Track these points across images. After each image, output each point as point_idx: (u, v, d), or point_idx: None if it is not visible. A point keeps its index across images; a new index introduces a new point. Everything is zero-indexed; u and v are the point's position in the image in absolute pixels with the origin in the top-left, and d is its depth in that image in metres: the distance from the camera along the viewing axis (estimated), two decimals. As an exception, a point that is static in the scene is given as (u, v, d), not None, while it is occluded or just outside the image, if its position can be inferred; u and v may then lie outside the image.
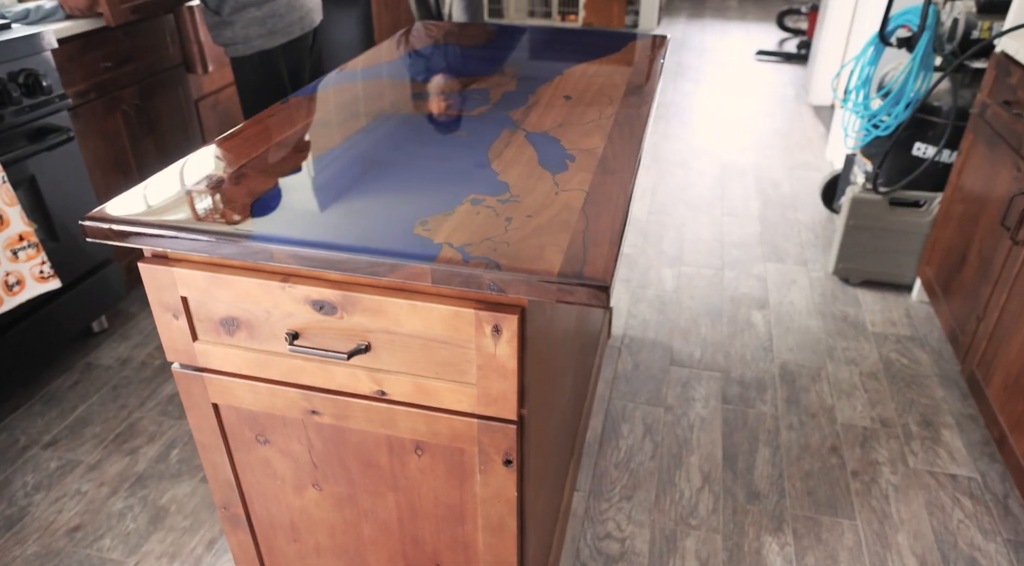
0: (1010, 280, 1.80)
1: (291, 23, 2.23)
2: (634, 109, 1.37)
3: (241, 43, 2.18)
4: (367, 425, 1.03)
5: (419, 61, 1.66)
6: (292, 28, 2.24)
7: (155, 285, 0.98)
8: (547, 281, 0.83)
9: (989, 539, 1.69)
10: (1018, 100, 1.88)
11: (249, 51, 2.19)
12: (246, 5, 2.12)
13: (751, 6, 7.36)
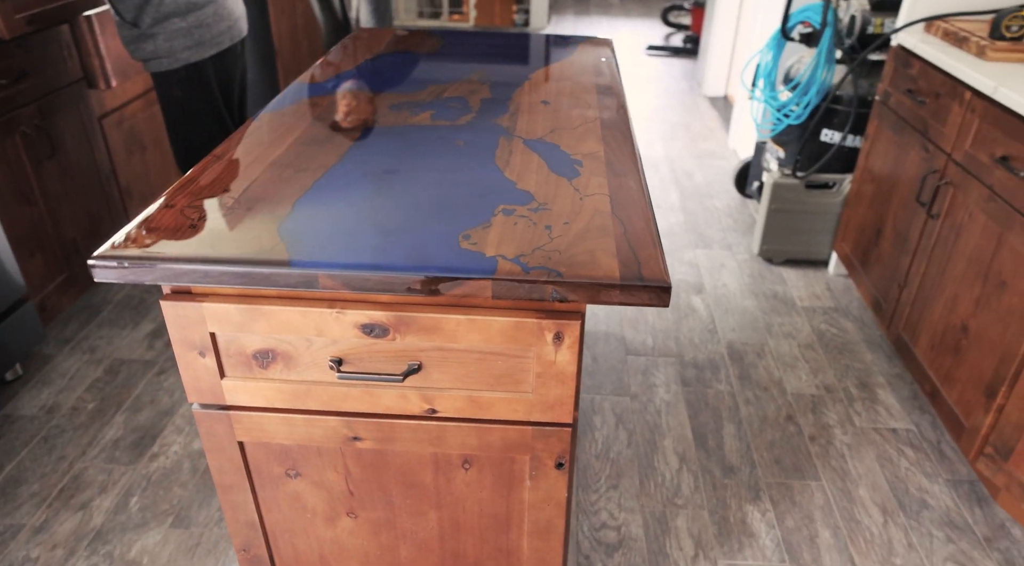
0: (928, 250, 1.99)
1: (220, 33, 2.12)
2: (614, 111, 1.41)
3: (165, 56, 2.05)
4: (413, 445, 1.02)
5: (380, 71, 1.63)
6: (221, 38, 2.13)
7: (179, 323, 0.93)
8: (610, 285, 0.85)
9: (932, 481, 1.87)
10: (920, 89, 2.07)
11: (175, 65, 2.06)
12: (169, 15, 1.99)
13: (633, 3, 7.64)
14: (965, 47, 1.96)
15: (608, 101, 1.46)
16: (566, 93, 1.50)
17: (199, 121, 2.21)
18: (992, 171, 1.70)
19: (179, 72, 2.08)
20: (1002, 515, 1.78)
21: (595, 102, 1.46)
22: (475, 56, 1.76)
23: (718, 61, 4.59)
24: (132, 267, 0.87)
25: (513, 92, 1.50)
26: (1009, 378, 1.62)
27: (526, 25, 6.40)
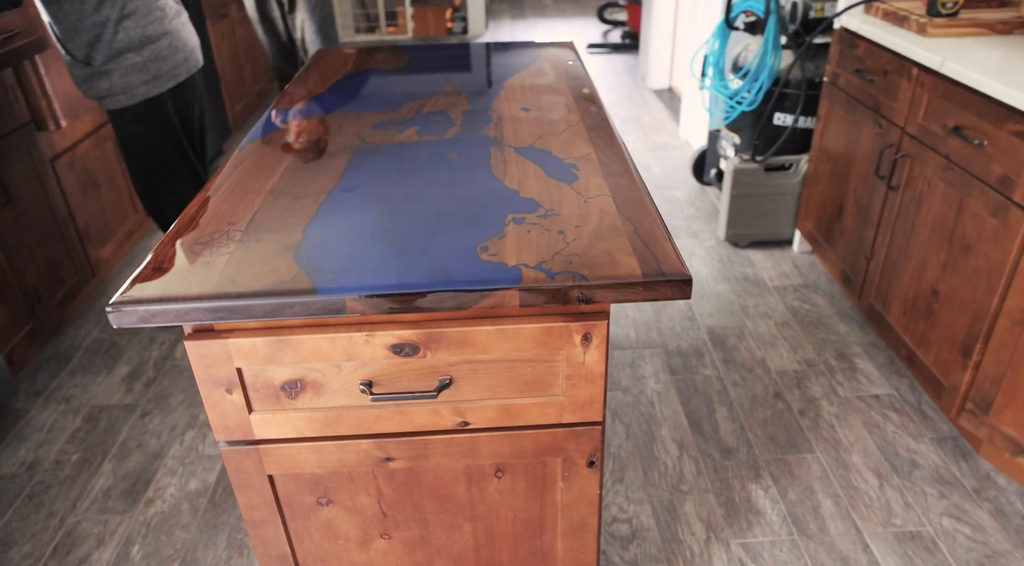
0: (891, 221, 2.07)
1: (176, 65, 2.08)
2: (594, 113, 1.44)
3: (121, 93, 2.00)
4: (446, 460, 1.02)
5: (353, 91, 1.62)
6: (178, 70, 2.09)
7: (204, 362, 0.91)
8: (633, 283, 0.88)
9: (919, 441, 1.95)
10: (867, 68, 2.16)
11: (132, 101, 2.02)
12: (123, 51, 1.95)
13: (566, 3, 7.73)
14: (906, 26, 2.05)
15: (586, 105, 1.49)
16: (544, 99, 1.53)
17: (160, 156, 2.16)
18: (946, 141, 1.79)
19: (137, 108, 2.04)
20: (986, 466, 1.86)
21: (573, 105, 1.48)
22: (443, 69, 1.77)
23: (660, 55, 4.69)
24: (153, 309, 0.86)
25: (491, 102, 1.52)
26: (983, 335, 1.70)
27: (464, 33, 6.42)
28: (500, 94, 1.57)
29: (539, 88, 1.60)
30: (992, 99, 1.62)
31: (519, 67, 1.77)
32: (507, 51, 1.92)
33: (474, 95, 1.56)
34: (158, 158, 2.16)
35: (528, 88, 1.60)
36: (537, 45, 1.98)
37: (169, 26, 2.04)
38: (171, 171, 2.19)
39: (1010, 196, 1.58)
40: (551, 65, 1.78)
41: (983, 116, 1.65)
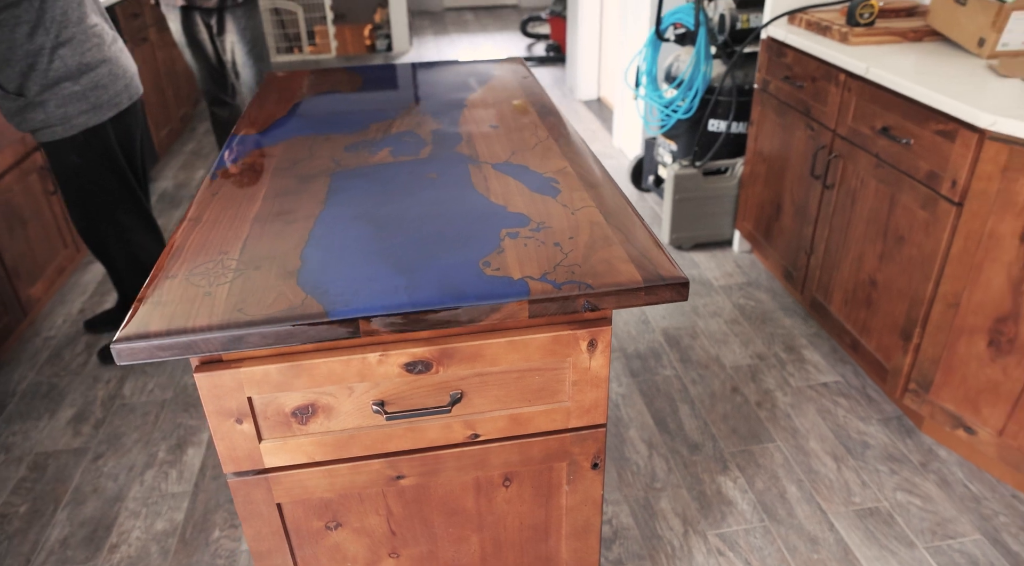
0: (828, 218, 2.20)
1: (118, 93, 2.01)
2: (560, 127, 1.48)
3: (59, 124, 1.92)
4: (456, 473, 1.04)
5: (316, 114, 1.62)
6: (120, 98, 2.02)
7: (215, 393, 0.90)
8: (635, 289, 0.92)
9: (867, 423, 2.07)
10: (796, 75, 2.30)
11: (71, 131, 1.94)
12: (59, 80, 1.87)
13: (488, 18, 7.82)
14: (829, 35, 2.19)
15: (550, 118, 1.54)
16: (508, 115, 1.56)
17: (102, 188, 2.09)
18: (876, 141, 1.92)
19: (76, 138, 1.96)
20: (929, 441, 2.00)
21: (538, 121, 1.53)
22: (400, 89, 1.79)
23: (587, 66, 4.81)
24: (161, 343, 0.84)
25: (458, 120, 1.54)
26: (921, 320, 1.83)
27: (388, 50, 6.41)
28: (464, 112, 1.59)
29: (501, 105, 1.63)
30: (915, 101, 1.76)
31: (476, 85, 1.80)
32: (459, 69, 1.95)
33: (438, 114, 1.59)
34: (99, 189, 2.09)
35: (491, 105, 1.63)
36: (488, 62, 2.02)
37: (108, 53, 1.98)
38: (113, 201, 2.12)
39: (938, 190, 1.71)
40: (507, 82, 1.82)
41: (908, 117, 1.79)
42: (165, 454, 2.03)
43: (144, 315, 0.89)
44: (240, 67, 3.29)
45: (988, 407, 1.74)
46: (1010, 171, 1.53)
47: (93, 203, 2.10)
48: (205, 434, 2.10)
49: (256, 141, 1.46)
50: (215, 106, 3.45)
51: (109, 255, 2.27)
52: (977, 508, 1.79)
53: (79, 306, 2.74)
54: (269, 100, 1.73)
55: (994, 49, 1.91)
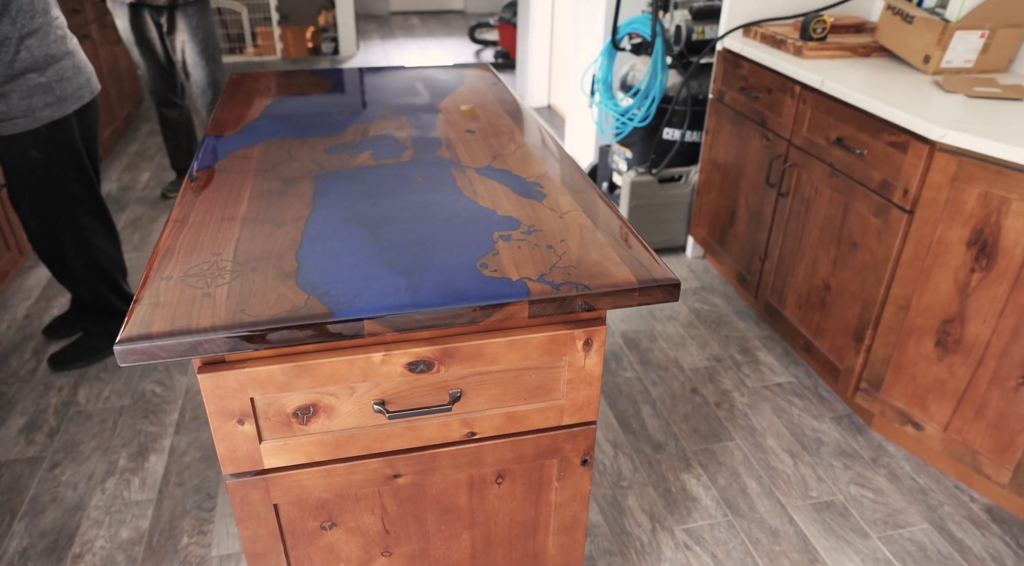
0: (783, 224, 2.30)
1: (80, 86, 1.96)
2: (536, 133, 1.51)
3: (21, 116, 1.85)
4: (452, 471, 1.05)
5: (290, 116, 1.61)
6: (82, 92, 1.97)
7: (218, 394, 0.90)
8: (630, 290, 0.96)
9: (820, 421, 2.17)
10: (751, 86, 2.39)
11: (34, 125, 1.87)
12: (25, 71, 1.81)
13: (435, 23, 7.82)
14: (784, 48, 2.29)
15: (526, 124, 1.57)
16: (483, 120, 1.59)
17: (64, 184, 2.02)
18: (830, 151, 2.02)
19: (39, 132, 1.90)
20: (878, 438, 2.10)
21: (513, 126, 1.56)
22: (371, 93, 1.79)
23: (538, 74, 4.87)
24: (164, 344, 0.84)
25: (434, 124, 1.56)
26: (872, 322, 1.93)
27: (335, 53, 6.36)
28: (440, 117, 1.61)
29: (474, 110, 1.66)
30: (869, 113, 1.86)
31: (447, 90, 1.82)
32: (427, 74, 1.97)
33: (414, 118, 1.60)
34: (61, 185, 2.02)
35: (465, 110, 1.66)
36: (455, 68, 2.04)
37: (71, 45, 1.93)
38: (74, 201, 2.05)
39: (890, 198, 1.81)
40: (478, 87, 1.85)
41: (862, 129, 1.89)
42: (126, 461, 1.98)
43: (144, 316, 0.88)
44: (191, 67, 3.22)
45: (935, 404, 1.85)
46: (958, 181, 1.64)
47: (51, 202, 2.03)
48: (167, 440, 2.05)
49: (232, 143, 1.45)
50: (164, 107, 3.37)
51: (64, 258, 2.19)
52: (924, 499, 1.89)
53: (24, 311, 2.64)
54: (238, 101, 1.71)
55: (939, 66, 2.03)
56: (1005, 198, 1.58)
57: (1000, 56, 2.06)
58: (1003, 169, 1.56)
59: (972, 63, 2.06)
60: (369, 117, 1.60)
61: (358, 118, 1.59)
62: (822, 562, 1.72)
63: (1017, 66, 2.11)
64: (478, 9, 8.25)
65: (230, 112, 1.63)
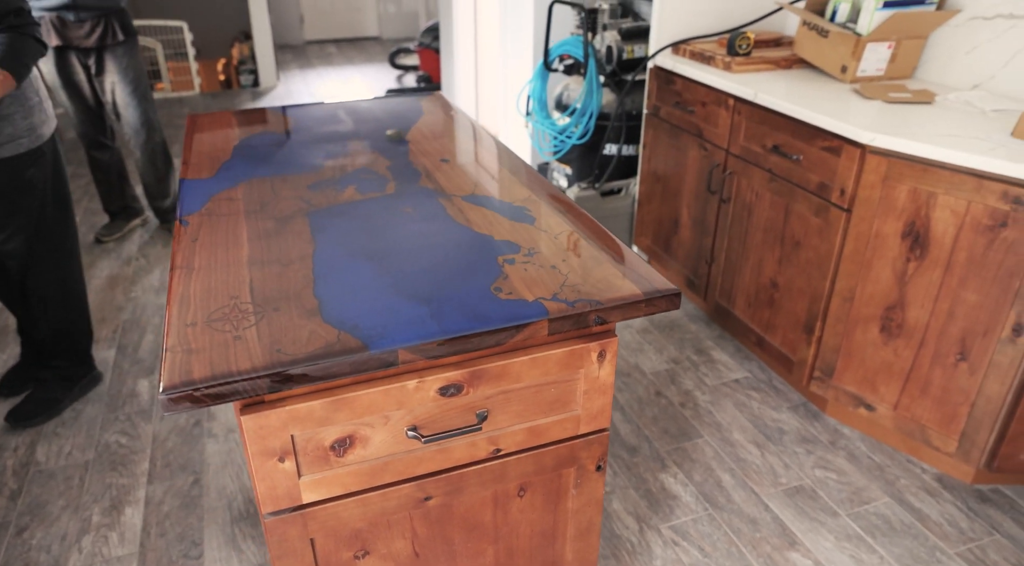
0: (727, 229, 2.44)
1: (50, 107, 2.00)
2: (507, 158, 1.58)
3: (25, 136, 1.91)
4: (478, 489, 1.09)
5: (262, 155, 1.62)
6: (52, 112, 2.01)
7: (260, 435, 0.92)
8: (637, 302, 1.03)
9: (779, 411, 2.30)
10: (686, 100, 2.53)
11: (36, 143, 1.94)
12: (24, 90, 1.87)
13: (351, 50, 7.81)
14: (713, 64, 2.44)
15: (495, 149, 1.63)
16: (455, 148, 1.64)
17: (56, 203, 2.12)
18: (768, 158, 2.17)
19: (39, 151, 1.97)
20: (833, 422, 2.25)
21: (482, 152, 1.62)
22: (334, 127, 1.82)
23: (465, 97, 4.96)
24: (208, 390, 0.85)
25: (407, 156, 1.60)
26: (821, 314, 2.08)
27: (255, 86, 6.27)
28: (411, 148, 1.65)
29: (442, 139, 1.71)
30: (802, 122, 2.01)
31: (410, 121, 1.87)
32: (386, 105, 2.01)
33: (386, 151, 1.64)
34: (52, 207, 2.06)
35: (433, 139, 1.71)
36: (410, 95, 2.09)
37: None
38: (64, 221, 2.07)
39: (828, 199, 1.96)
40: (438, 116, 1.90)
41: (796, 136, 2.04)
42: (100, 517, 1.91)
43: (181, 363, 0.89)
44: (122, 108, 3.14)
45: (884, 385, 2.00)
46: (889, 180, 1.80)
47: (40, 223, 2.02)
48: (141, 491, 1.99)
49: (212, 185, 1.45)
50: (94, 150, 3.27)
51: (34, 287, 2.10)
52: (882, 475, 2.04)
53: (-38, 372, 2.50)
54: (203, 143, 1.71)
55: (855, 75, 2.22)
56: (932, 192, 1.74)
57: (906, 64, 2.26)
58: (928, 167, 1.72)
59: (883, 71, 2.25)
60: (342, 152, 1.63)
61: (331, 153, 1.62)
62: (800, 543, 1.83)
63: (920, 72, 2.32)
64: (394, 35, 8.29)
65: (199, 154, 1.63)
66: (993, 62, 2.10)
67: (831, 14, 2.32)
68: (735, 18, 2.70)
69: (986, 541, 1.84)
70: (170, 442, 2.16)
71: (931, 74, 2.29)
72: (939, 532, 1.86)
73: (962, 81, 2.20)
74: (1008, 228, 1.65)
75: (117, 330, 2.72)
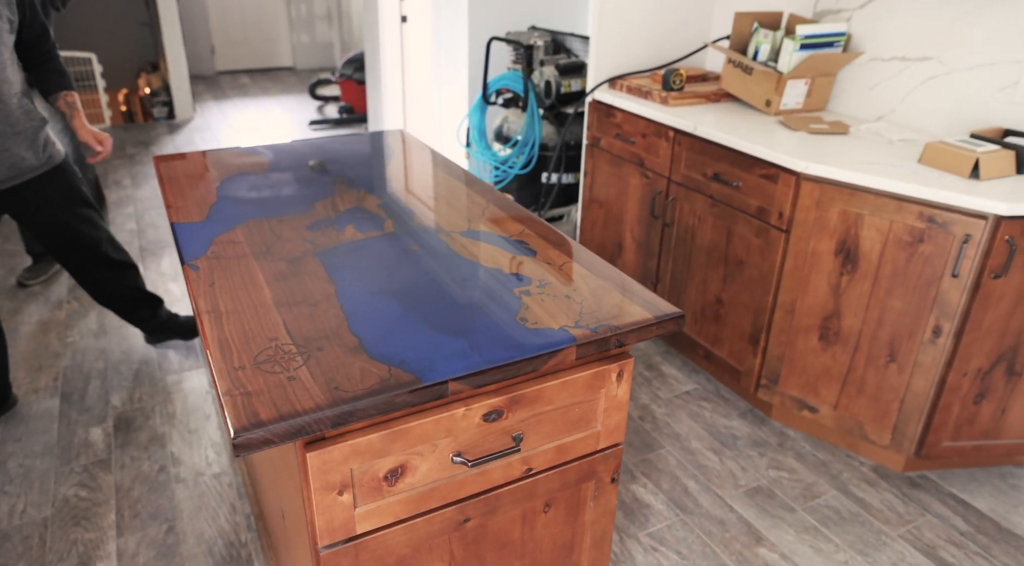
0: (671, 251, 2.61)
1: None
2: (489, 193, 1.67)
3: (59, 145, 2.18)
4: (511, 507, 1.17)
5: (246, 196, 1.64)
6: None
7: (323, 469, 0.96)
8: (649, 325, 1.14)
9: (730, 418, 2.47)
10: (626, 132, 2.70)
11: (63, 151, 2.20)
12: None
13: (266, 81, 7.71)
14: (651, 98, 2.62)
15: (476, 186, 1.72)
16: (436, 186, 1.72)
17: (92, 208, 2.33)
18: (709, 185, 2.35)
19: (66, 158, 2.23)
20: (779, 426, 2.44)
21: (465, 188, 1.70)
22: (309, 167, 1.86)
23: (393, 127, 5.01)
24: (276, 429, 0.90)
25: (394, 194, 1.67)
26: (765, 326, 2.27)
27: (170, 117, 6.10)
28: (393, 185, 1.72)
29: (422, 176, 1.78)
30: (740, 152, 2.20)
31: (385, 159, 1.93)
32: (355, 144, 2.06)
33: (372, 189, 1.70)
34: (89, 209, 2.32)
35: (415, 177, 1.78)
36: (374, 135, 2.15)
37: None
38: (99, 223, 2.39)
39: (768, 221, 2.16)
40: (411, 154, 1.97)
41: (735, 164, 2.23)
42: (75, 575, 1.84)
43: (243, 406, 0.93)
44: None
45: (824, 389, 2.20)
46: (822, 203, 2.00)
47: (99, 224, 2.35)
48: (111, 545, 1.93)
49: (209, 229, 1.47)
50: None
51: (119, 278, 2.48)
52: (827, 470, 2.23)
53: None
54: (183, 185, 1.72)
55: (778, 108, 2.44)
56: (859, 214, 1.96)
57: (820, 98, 2.51)
58: (856, 191, 1.94)
59: (801, 105, 2.49)
60: (327, 192, 1.68)
61: (317, 193, 1.66)
62: (766, 539, 1.98)
63: (831, 105, 2.58)
64: (309, 65, 8.24)
65: (182, 197, 1.63)
66: (892, 98, 2.38)
67: (753, 54, 2.55)
68: (664, 55, 2.91)
69: (920, 521, 2.05)
70: (135, 491, 2.10)
71: (841, 107, 2.55)
72: (881, 517, 2.06)
73: (868, 113, 2.46)
74: (924, 243, 1.88)
75: (58, 378, 2.61)
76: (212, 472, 2.16)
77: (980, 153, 1.79)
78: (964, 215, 1.77)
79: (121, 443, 2.28)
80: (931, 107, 2.27)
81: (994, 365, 1.96)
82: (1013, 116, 2.06)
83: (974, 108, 2.15)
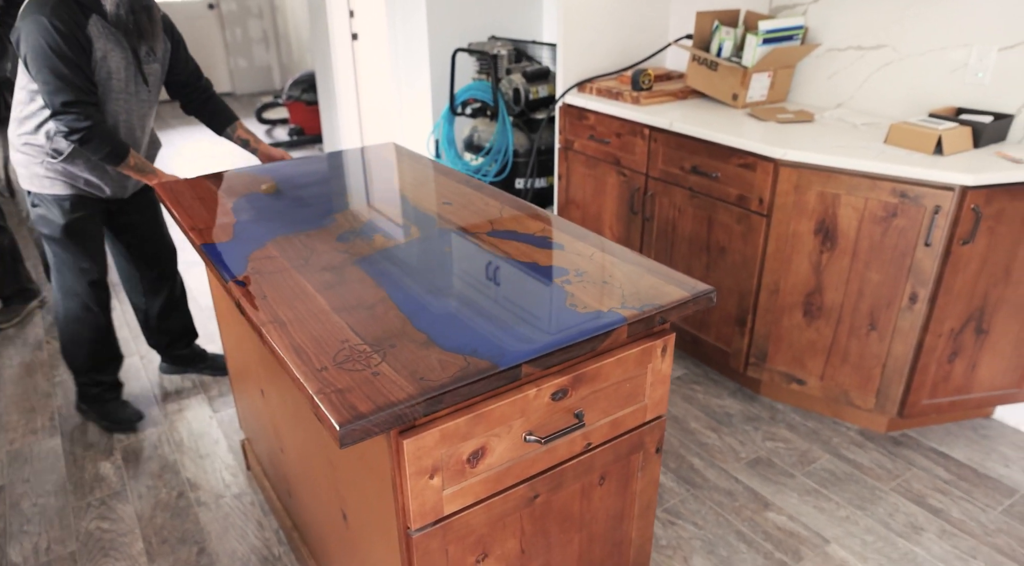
0: (651, 244, 2.74)
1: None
2: (499, 196, 1.75)
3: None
4: (572, 482, 1.25)
5: (263, 214, 1.69)
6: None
7: (417, 455, 1.03)
8: (686, 302, 1.24)
9: (722, 398, 2.60)
10: (600, 133, 2.82)
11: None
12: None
13: (210, 107, 7.60)
14: (622, 99, 2.75)
15: (486, 190, 1.80)
16: (449, 191, 1.79)
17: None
18: (687, 177, 2.48)
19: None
20: (767, 401, 2.58)
21: (473, 193, 1.78)
22: (320, 184, 1.91)
23: (350, 144, 5.04)
24: (376, 419, 0.96)
25: (409, 203, 1.73)
26: (751, 308, 2.40)
27: (115, 149, 5.97)
28: (408, 196, 1.79)
29: (429, 184, 1.86)
30: (716, 143, 2.34)
31: (388, 170, 1.99)
32: (348, 159, 2.12)
33: (387, 200, 1.76)
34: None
35: (422, 186, 1.85)
36: (373, 149, 2.21)
37: None
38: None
39: (748, 208, 2.30)
40: (410, 164, 2.04)
41: (712, 156, 2.36)
42: (112, 605, 1.84)
43: (340, 402, 0.99)
44: (16, 182, 2.97)
45: (810, 361, 2.35)
46: (800, 187, 2.15)
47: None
48: (143, 573, 1.93)
49: (241, 247, 1.51)
50: (-14, 227, 3.07)
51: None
52: (818, 437, 2.38)
53: None
54: (199, 209, 1.74)
55: (745, 101, 2.60)
56: (836, 194, 2.11)
57: (782, 89, 2.68)
58: (832, 173, 2.09)
59: (765, 97, 2.65)
60: (341, 205, 1.73)
61: (333, 207, 1.72)
62: (773, 503, 2.11)
63: (792, 95, 2.75)
64: (248, 90, 8.17)
65: (202, 220, 1.67)
66: (850, 85, 2.56)
67: (717, 50, 2.70)
68: (628, 57, 3.04)
69: (908, 475, 2.21)
70: (158, 518, 2.10)
71: (801, 97, 2.72)
72: (873, 475, 2.21)
73: (827, 101, 2.64)
74: (898, 217, 2.04)
75: (54, 417, 2.57)
76: (232, 493, 2.17)
77: (942, 131, 1.96)
78: (933, 188, 1.94)
79: (133, 474, 2.27)
80: (888, 92, 2.45)
81: (964, 325, 2.14)
82: (965, 95, 2.26)
83: (928, 90, 2.34)
